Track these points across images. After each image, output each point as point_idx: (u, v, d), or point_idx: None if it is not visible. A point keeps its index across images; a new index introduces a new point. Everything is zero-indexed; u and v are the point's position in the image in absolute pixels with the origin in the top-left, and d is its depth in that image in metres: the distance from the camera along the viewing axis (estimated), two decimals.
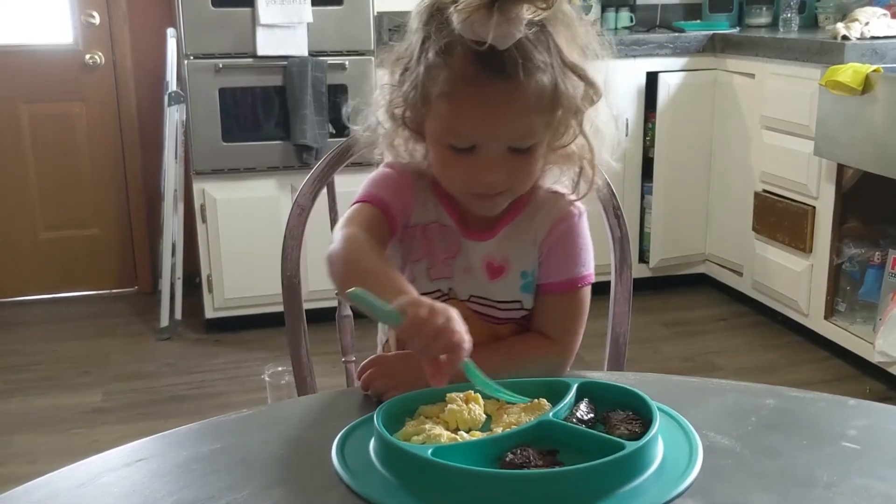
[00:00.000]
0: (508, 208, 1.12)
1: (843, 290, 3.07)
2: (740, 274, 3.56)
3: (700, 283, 3.81)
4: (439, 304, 0.88)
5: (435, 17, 1.03)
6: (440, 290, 1.14)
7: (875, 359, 2.81)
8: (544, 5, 0.96)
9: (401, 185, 1.13)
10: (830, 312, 3.09)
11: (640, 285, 3.55)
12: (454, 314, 0.88)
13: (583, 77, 1.04)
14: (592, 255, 1.17)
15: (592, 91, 1.05)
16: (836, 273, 3.05)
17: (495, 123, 1.01)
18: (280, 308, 1.45)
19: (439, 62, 1.01)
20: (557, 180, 1.15)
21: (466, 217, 1.14)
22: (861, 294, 3.01)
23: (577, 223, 1.15)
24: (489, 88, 0.99)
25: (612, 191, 1.45)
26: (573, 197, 1.14)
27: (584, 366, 1.12)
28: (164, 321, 3.41)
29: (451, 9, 0.99)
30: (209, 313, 3.38)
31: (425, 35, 1.04)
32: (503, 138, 1.02)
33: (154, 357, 3.24)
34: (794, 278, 3.20)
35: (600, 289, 1.51)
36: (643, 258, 3.73)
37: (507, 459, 0.83)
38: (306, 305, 1.45)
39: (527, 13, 0.96)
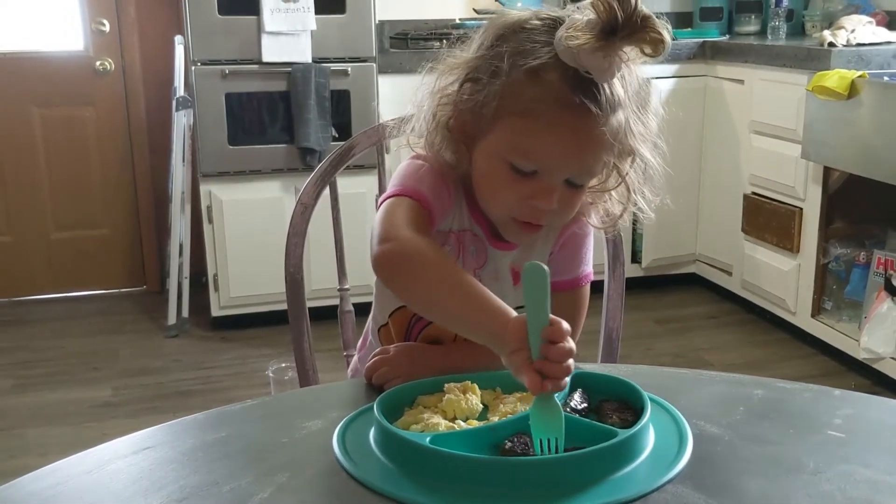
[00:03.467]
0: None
1: (830, 288, 3.06)
2: (730, 273, 3.56)
3: (691, 283, 3.81)
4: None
5: (520, 35, 0.99)
6: None
7: (860, 355, 2.81)
8: (651, 52, 0.91)
9: (443, 185, 1.06)
10: (817, 310, 3.09)
11: (633, 285, 3.58)
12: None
13: (644, 122, 1.01)
14: (591, 250, 1.17)
15: (644, 136, 1.02)
16: (822, 272, 3.05)
17: (572, 152, 0.97)
18: (284, 306, 1.45)
19: (527, 80, 0.96)
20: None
21: (493, 226, 1.10)
22: (847, 293, 3.01)
23: (586, 225, 1.15)
24: (579, 116, 0.95)
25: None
26: (595, 223, 1.13)
27: (578, 360, 1.12)
28: (172, 319, 3.41)
29: (561, 32, 0.94)
30: (215, 311, 3.37)
31: (512, 50, 0.98)
32: (572, 168, 0.99)
33: (162, 353, 3.24)
34: (782, 277, 3.20)
35: (594, 287, 1.52)
36: (636, 258, 3.73)
37: (507, 447, 0.83)
38: (309, 304, 1.45)
39: (630, 54, 0.94)
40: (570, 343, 0.81)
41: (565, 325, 0.81)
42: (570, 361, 0.81)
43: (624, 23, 0.90)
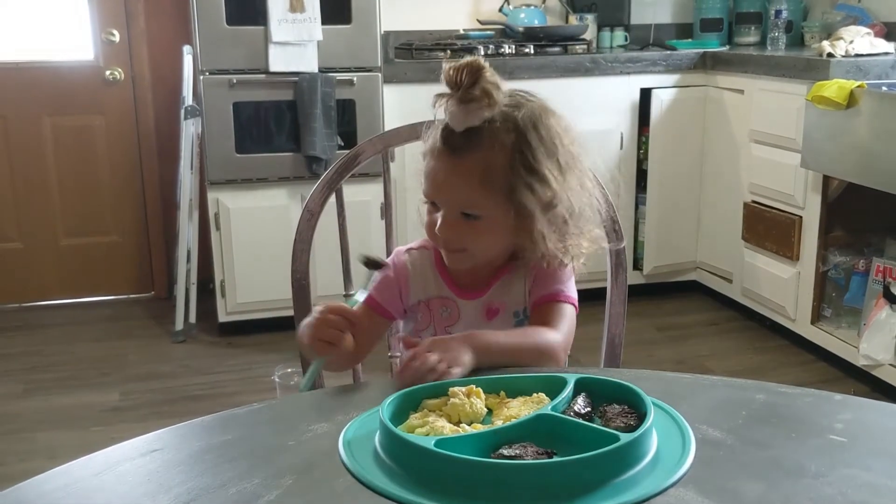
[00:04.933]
0: (497, 272, 1.26)
1: (829, 296, 3.06)
2: (730, 281, 3.55)
3: (692, 290, 3.81)
4: (311, 322, 1.14)
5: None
6: None
7: (859, 362, 2.80)
8: (487, 102, 1.13)
9: (393, 281, 1.29)
10: (817, 317, 3.08)
11: (635, 292, 3.54)
12: (321, 315, 1.13)
13: (543, 179, 1.17)
14: (574, 287, 1.27)
15: (551, 194, 1.17)
16: (822, 280, 3.04)
17: (442, 187, 1.19)
18: (289, 312, 1.45)
19: (430, 138, 1.22)
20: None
21: (461, 283, 1.27)
22: (846, 300, 3.01)
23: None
24: (442, 159, 1.19)
25: (608, 198, 1.45)
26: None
27: (581, 366, 1.12)
28: (180, 324, 3.41)
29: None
30: (222, 317, 3.37)
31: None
32: (450, 201, 1.19)
33: (169, 359, 3.24)
34: (782, 285, 3.19)
35: (596, 294, 1.52)
36: (637, 266, 3.72)
37: (500, 452, 0.83)
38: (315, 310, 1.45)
39: (485, 110, 1.14)
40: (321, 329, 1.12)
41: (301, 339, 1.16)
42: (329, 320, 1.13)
43: (456, 83, 1.13)
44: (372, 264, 1.21)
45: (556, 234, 1.20)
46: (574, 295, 1.26)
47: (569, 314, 1.24)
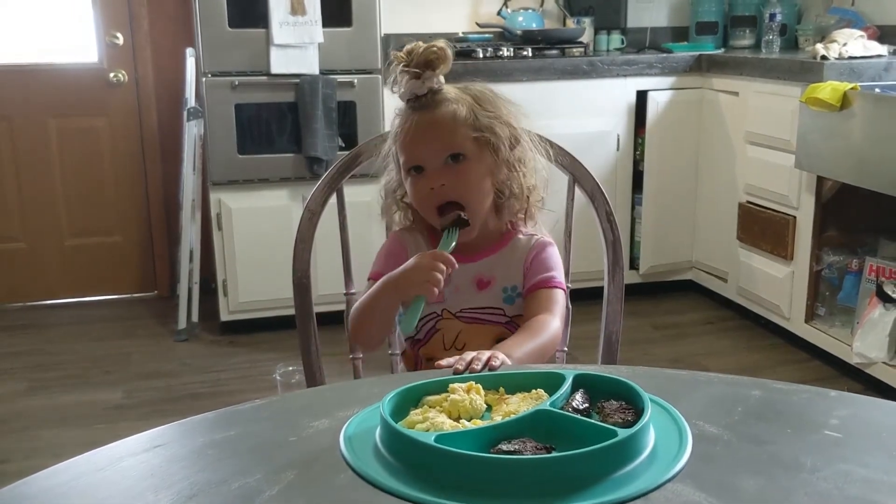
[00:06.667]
0: (492, 244, 1.38)
1: (823, 295, 3.05)
2: (725, 280, 3.55)
3: (687, 289, 3.80)
4: (412, 265, 1.24)
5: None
6: (435, 312, 1.37)
7: (853, 360, 2.80)
8: (436, 54, 1.29)
9: (395, 252, 1.38)
10: (811, 316, 3.07)
11: (631, 291, 3.54)
12: (429, 261, 1.22)
13: (502, 121, 1.32)
14: (562, 273, 1.39)
15: (510, 131, 1.33)
16: (816, 279, 3.04)
17: (422, 139, 1.31)
18: (291, 311, 1.45)
19: (395, 125, 1.35)
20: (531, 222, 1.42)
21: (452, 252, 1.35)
22: (840, 299, 3.00)
23: (547, 249, 1.39)
24: (415, 117, 1.31)
25: (606, 197, 1.46)
26: (541, 235, 1.41)
27: (580, 363, 1.11)
28: (182, 323, 3.41)
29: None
30: (224, 316, 3.37)
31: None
32: (433, 148, 1.30)
33: (172, 357, 3.24)
34: (777, 284, 3.19)
35: (593, 293, 1.52)
36: (634, 265, 3.72)
37: (499, 447, 0.83)
38: (315, 309, 1.45)
39: (438, 67, 1.29)
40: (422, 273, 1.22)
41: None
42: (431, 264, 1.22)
43: (411, 56, 1.29)
44: (458, 222, 1.30)
45: (522, 172, 1.35)
46: (560, 277, 1.37)
47: (561, 298, 1.34)
